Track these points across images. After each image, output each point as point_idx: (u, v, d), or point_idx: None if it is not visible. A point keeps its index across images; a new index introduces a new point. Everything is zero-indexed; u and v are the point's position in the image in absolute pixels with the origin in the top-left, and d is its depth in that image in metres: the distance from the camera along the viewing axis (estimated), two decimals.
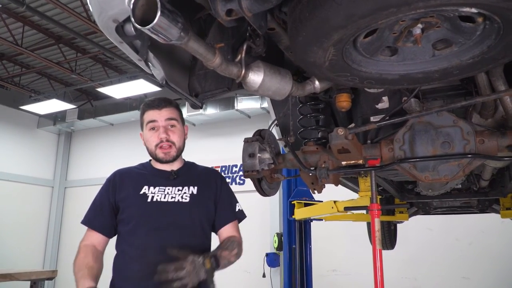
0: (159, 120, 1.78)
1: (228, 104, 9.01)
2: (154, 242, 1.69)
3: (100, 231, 1.76)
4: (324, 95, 1.84)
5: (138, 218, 1.73)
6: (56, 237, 11.32)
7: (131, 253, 1.69)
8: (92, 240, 1.75)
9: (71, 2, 6.89)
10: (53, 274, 4.29)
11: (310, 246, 5.53)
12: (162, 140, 1.78)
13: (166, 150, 1.79)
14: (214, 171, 2.01)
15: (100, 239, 1.76)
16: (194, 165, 1.97)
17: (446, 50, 1.25)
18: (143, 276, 1.64)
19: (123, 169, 1.90)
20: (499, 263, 6.74)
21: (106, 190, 1.81)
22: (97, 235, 1.76)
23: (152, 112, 1.80)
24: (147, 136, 1.81)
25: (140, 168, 1.89)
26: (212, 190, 1.87)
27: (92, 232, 1.76)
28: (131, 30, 1.28)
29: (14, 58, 9.11)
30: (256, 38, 1.38)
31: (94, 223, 1.77)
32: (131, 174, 1.86)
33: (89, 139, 11.72)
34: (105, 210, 1.77)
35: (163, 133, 1.78)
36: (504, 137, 1.56)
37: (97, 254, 1.71)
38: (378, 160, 1.74)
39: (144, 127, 1.82)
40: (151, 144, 1.80)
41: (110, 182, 1.82)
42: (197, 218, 1.80)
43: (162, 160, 1.81)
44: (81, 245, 1.73)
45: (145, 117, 1.82)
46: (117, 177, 1.83)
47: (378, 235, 1.70)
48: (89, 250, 1.70)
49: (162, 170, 1.84)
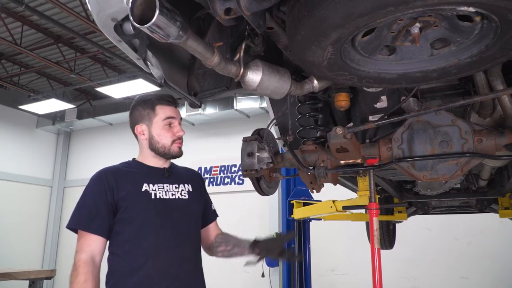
0: (177, 117, 1.80)
1: (227, 103, 9.01)
2: (163, 240, 1.67)
3: (100, 234, 1.62)
4: (322, 94, 1.84)
5: (143, 217, 1.67)
6: (55, 237, 11.31)
7: (140, 254, 1.63)
8: (92, 249, 1.59)
9: (70, 2, 6.88)
10: (51, 273, 4.28)
11: (309, 245, 5.54)
12: (180, 137, 1.79)
13: (181, 145, 1.81)
14: (195, 170, 2.04)
15: (100, 245, 1.62)
16: (174, 164, 1.93)
17: (444, 49, 1.26)
18: (159, 276, 1.62)
19: (110, 168, 1.78)
20: (498, 263, 6.75)
21: (100, 190, 1.67)
22: (97, 240, 1.61)
23: (169, 108, 1.78)
24: (162, 131, 1.76)
25: (127, 166, 1.80)
26: (200, 189, 1.91)
27: (90, 237, 1.61)
28: (130, 29, 1.28)
29: (13, 57, 9.10)
30: (254, 37, 1.38)
31: (93, 226, 1.62)
32: (122, 172, 1.75)
33: (88, 139, 11.72)
34: (102, 211, 1.64)
35: (182, 131, 1.79)
36: (502, 136, 1.57)
37: (96, 274, 1.57)
38: (376, 159, 1.74)
39: (158, 121, 1.76)
40: (167, 139, 1.76)
41: (103, 182, 1.68)
42: (196, 214, 1.83)
43: (177, 155, 1.80)
44: (80, 262, 1.55)
45: (159, 111, 1.76)
46: (109, 176, 1.70)
47: (376, 234, 1.71)
48: (90, 272, 1.55)
49: (155, 168, 1.80)
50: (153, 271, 1.62)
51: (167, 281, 1.64)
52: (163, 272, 1.64)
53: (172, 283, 1.65)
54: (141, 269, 1.62)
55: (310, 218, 5.07)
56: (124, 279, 1.62)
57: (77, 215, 1.67)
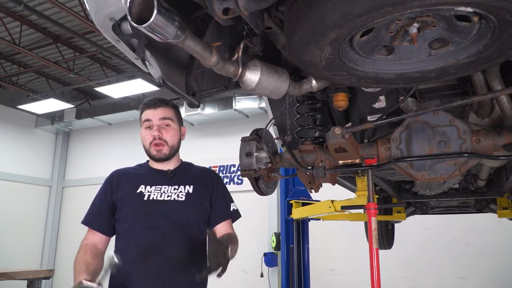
0: (153, 119, 1.84)
1: (226, 103, 9.01)
2: (151, 239, 1.73)
3: (99, 230, 1.80)
4: (321, 94, 1.84)
5: (134, 216, 1.77)
6: (54, 237, 11.29)
7: (129, 251, 1.72)
8: (93, 239, 1.78)
9: (69, 1, 6.87)
10: (50, 273, 4.29)
11: (308, 245, 5.55)
12: (155, 137, 1.83)
13: (159, 147, 1.84)
14: (211, 171, 2.05)
15: (100, 238, 1.79)
16: (191, 165, 2.00)
17: (443, 49, 1.26)
18: (144, 275, 1.69)
19: (121, 169, 1.95)
20: (496, 263, 6.75)
21: (104, 190, 1.85)
22: (97, 235, 1.79)
23: (148, 111, 1.87)
24: (143, 134, 1.87)
25: (137, 169, 1.94)
26: (208, 190, 1.90)
27: (92, 232, 1.81)
28: (128, 29, 1.28)
29: (11, 57, 9.09)
30: (253, 37, 1.38)
31: (93, 223, 1.81)
32: (128, 174, 1.90)
33: (87, 139, 11.70)
34: (103, 209, 1.81)
35: (155, 131, 1.83)
36: (500, 136, 1.57)
37: (96, 252, 1.73)
38: (375, 159, 1.74)
39: (141, 126, 1.89)
40: (146, 141, 1.86)
41: (108, 182, 1.86)
42: (193, 216, 1.83)
43: (155, 157, 1.86)
44: (82, 244, 1.77)
45: (142, 116, 1.89)
46: (114, 177, 1.88)
47: (375, 234, 1.71)
48: (88, 248, 1.73)
49: (159, 170, 1.88)
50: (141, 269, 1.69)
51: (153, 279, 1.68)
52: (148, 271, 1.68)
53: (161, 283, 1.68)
54: (130, 266, 1.69)
55: (308, 218, 5.07)
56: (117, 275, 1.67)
57: (87, 212, 1.86)
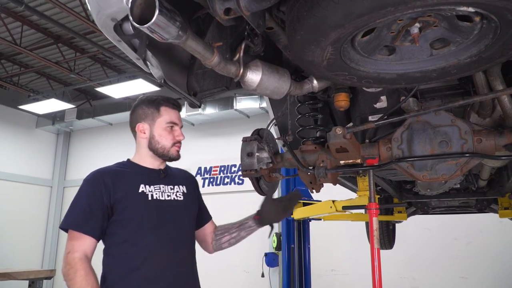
0: (179, 123, 1.83)
1: (227, 104, 9.02)
2: (160, 241, 1.68)
3: (93, 235, 1.62)
4: (322, 94, 1.84)
5: (140, 218, 1.67)
6: (55, 237, 11.30)
7: (136, 254, 1.64)
8: (84, 248, 1.59)
9: (70, 2, 6.88)
10: (51, 273, 4.28)
11: (309, 245, 5.54)
12: (180, 141, 1.82)
13: (179, 149, 1.83)
14: (188, 172, 2.04)
15: (91, 245, 1.62)
16: (168, 165, 1.92)
17: (444, 49, 1.26)
18: (156, 277, 1.63)
19: (106, 168, 1.78)
20: (497, 263, 6.75)
21: (96, 191, 1.66)
22: (89, 241, 1.61)
23: (174, 112, 1.82)
24: (164, 132, 1.78)
25: (122, 167, 1.79)
26: (196, 191, 1.94)
27: (82, 238, 1.60)
28: (129, 29, 1.28)
29: (12, 57, 9.11)
30: (254, 37, 1.38)
31: (86, 227, 1.61)
32: (121, 173, 1.75)
33: (88, 139, 11.71)
34: (96, 213, 1.63)
35: (182, 135, 1.82)
36: (502, 136, 1.56)
37: (93, 268, 1.60)
38: (376, 159, 1.74)
39: (161, 122, 1.78)
40: (168, 141, 1.78)
41: (101, 183, 1.67)
42: (191, 215, 1.85)
43: (174, 158, 1.82)
44: (76, 260, 1.56)
45: (164, 112, 1.79)
46: (106, 177, 1.69)
47: (376, 234, 1.71)
48: (88, 267, 1.57)
49: (150, 169, 1.80)
50: (150, 272, 1.63)
51: (163, 282, 1.65)
52: (160, 273, 1.65)
53: (169, 285, 1.66)
54: (138, 269, 1.63)
55: (309, 218, 5.07)
56: (121, 280, 1.63)
57: (71, 215, 1.65)
